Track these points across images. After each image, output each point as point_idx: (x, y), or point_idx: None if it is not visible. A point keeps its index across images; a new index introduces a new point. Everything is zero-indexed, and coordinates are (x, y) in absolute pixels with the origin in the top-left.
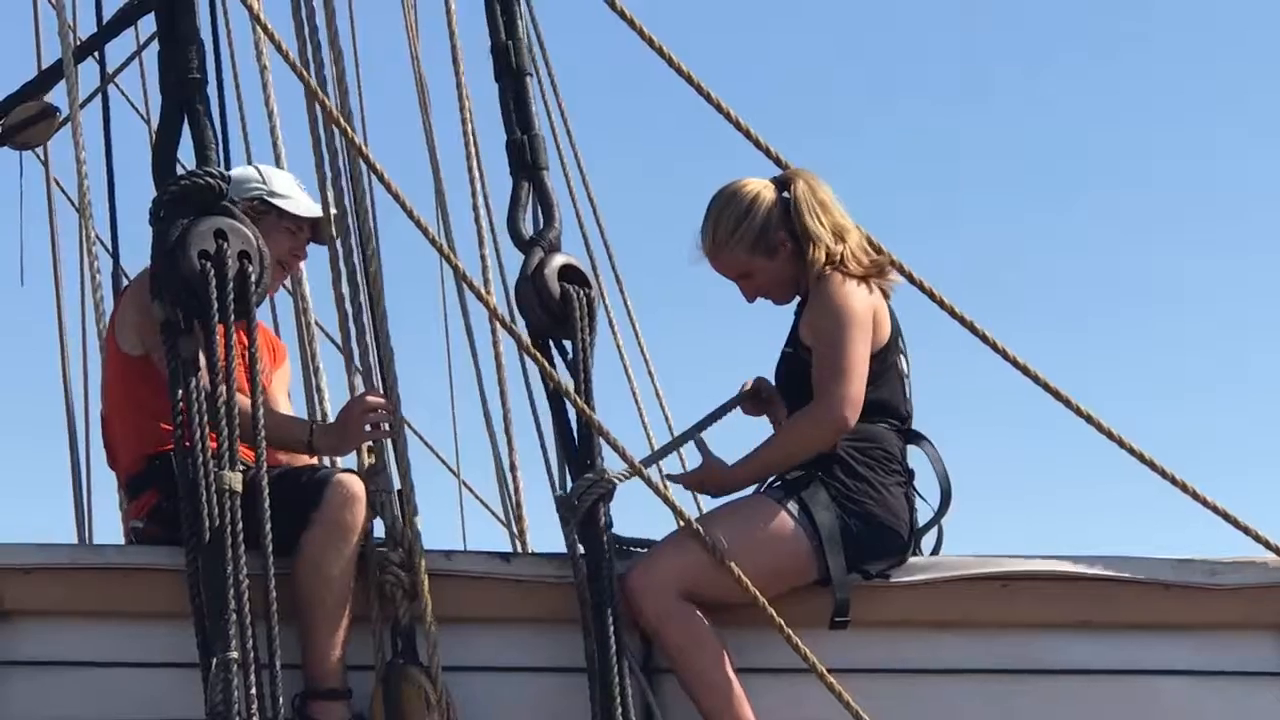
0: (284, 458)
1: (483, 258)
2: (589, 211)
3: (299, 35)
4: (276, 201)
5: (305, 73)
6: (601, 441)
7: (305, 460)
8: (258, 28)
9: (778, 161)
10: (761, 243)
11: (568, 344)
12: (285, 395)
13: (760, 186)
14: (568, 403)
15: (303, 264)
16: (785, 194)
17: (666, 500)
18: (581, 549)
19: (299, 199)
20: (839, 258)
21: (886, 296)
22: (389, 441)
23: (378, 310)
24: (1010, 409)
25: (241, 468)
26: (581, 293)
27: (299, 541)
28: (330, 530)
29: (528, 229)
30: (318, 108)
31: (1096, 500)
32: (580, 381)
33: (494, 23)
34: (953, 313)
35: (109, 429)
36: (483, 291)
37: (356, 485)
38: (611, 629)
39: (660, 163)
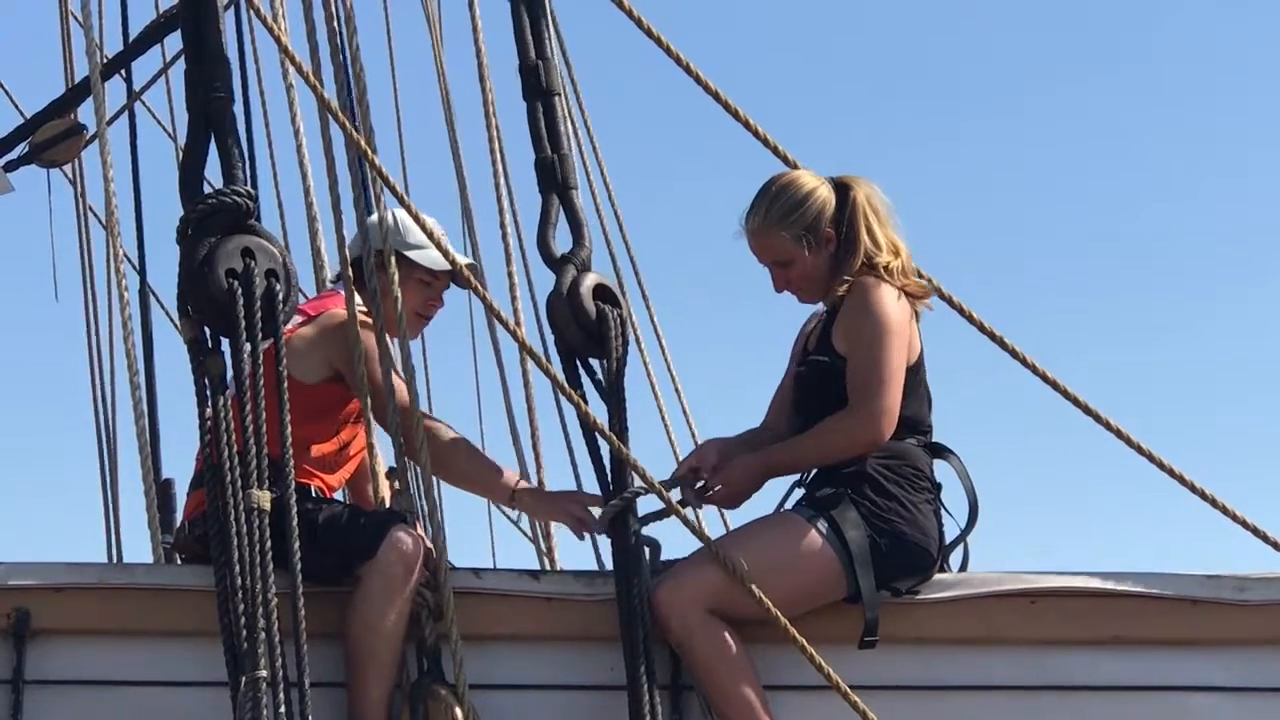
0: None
1: (509, 274)
2: (615, 230)
3: (334, 64)
4: (408, 254)
5: (325, 95)
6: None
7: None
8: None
9: None
10: (810, 234)
11: (595, 363)
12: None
13: (819, 181)
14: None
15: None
16: (843, 195)
17: (687, 523)
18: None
19: (431, 251)
20: (883, 268)
21: (917, 316)
22: (415, 465)
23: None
24: (1038, 423)
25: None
26: (615, 313)
27: (352, 598)
28: (386, 585)
29: (558, 248)
30: (338, 129)
31: (1125, 515)
32: (614, 402)
33: (523, 43)
34: (982, 327)
35: None
36: (511, 324)
37: (411, 541)
38: (641, 646)
39: (688, 181)
